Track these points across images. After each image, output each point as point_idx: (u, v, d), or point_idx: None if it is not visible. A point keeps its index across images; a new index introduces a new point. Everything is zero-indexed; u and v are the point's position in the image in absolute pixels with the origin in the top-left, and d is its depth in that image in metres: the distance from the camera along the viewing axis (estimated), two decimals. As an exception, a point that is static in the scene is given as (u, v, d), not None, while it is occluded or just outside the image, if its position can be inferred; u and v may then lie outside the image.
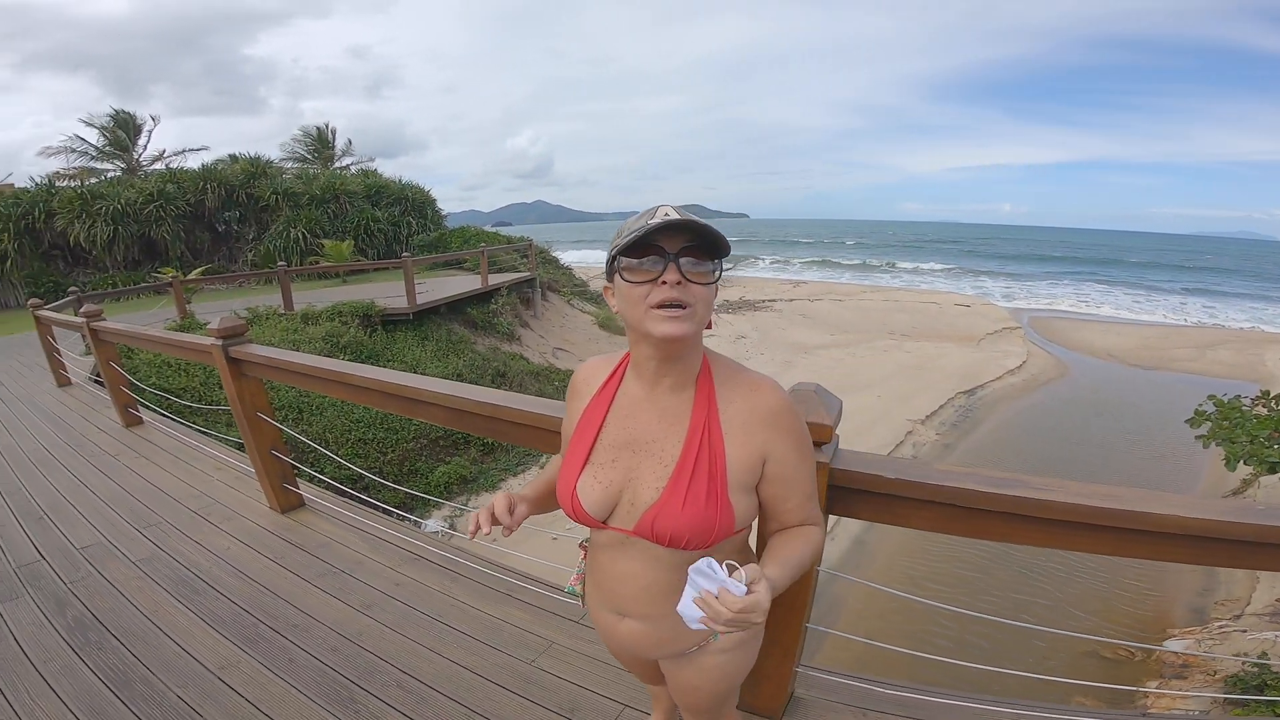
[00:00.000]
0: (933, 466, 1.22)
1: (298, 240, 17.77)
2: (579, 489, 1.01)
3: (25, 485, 3.88)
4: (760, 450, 0.98)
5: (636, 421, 1.01)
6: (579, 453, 1.03)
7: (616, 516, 1.01)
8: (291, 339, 9.22)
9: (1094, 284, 36.73)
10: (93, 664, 2.15)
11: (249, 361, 2.91)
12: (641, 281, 0.89)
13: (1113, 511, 1.04)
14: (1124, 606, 5.52)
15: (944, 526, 1.21)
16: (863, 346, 16.41)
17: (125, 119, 21.23)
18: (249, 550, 2.91)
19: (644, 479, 0.98)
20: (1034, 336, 18.82)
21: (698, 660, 1.11)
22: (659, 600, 1.02)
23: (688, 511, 0.93)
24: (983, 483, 1.14)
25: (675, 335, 0.89)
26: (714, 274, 0.92)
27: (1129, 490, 1.07)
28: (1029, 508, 1.10)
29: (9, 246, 15.61)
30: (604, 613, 1.12)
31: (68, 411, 5.59)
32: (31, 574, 2.80)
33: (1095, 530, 1.08)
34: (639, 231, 0.87)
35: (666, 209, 0.89)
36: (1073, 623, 5.27)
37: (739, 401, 0.99)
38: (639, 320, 0.91)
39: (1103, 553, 1.11)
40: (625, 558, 1.03)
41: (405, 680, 2.00)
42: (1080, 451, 9.57)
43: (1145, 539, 1.06)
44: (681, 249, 0.88)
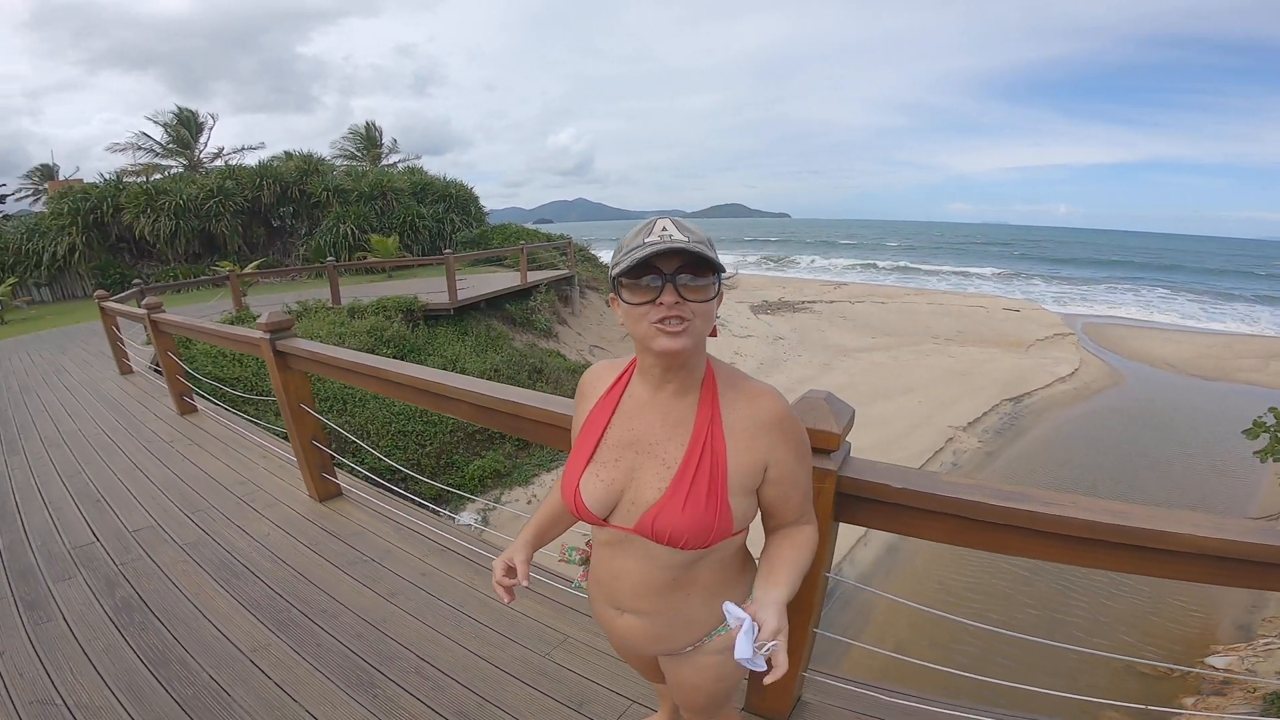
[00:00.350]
0: (941, 478, 1.20)
1: (347, 236, 18.33)
2: (582, 486, 1.04)
3: (85, 469, 4.11)
4: (762, 456, 1.01)
5: (640, 423, 1.04)
6: (584, 451, 1.07)
7: (617, 514, 1.04)
8: (338, 332, 9.50)
9: (1155, 289, 35.06)
10: (134, 643, 2.26)
11: (294, 355, 3.03)
12: (641, 302, 0.92)
13: (1126, 529, 1.01)
14: (1167, 624, 5.29)
15: (952, 538, 1.19)
16: (905, 350, 16.05)
17: (188, 116, 22.24)
18: (287, 536, 3.03)
19: (646, 479, 1.01)
20: (1088, 343, 18.11)
21: (694, 659, 1.13)
22: (654, 596, 1.06)
23: (688, 512, 0.96)
24: (991, 496, 1.12)
25: (674, 350, 0.92)
26: (712, 289, 0.94)
27: (1143, 508, 1.04)
28: (1040, 522, 1.08)
29: (78, 239, 16.52)
30: (603, 607, 1.15)
31: (128, 399, 5.89)
32: (85, 555, 2.96)
33: (1109, 547, 1.05)
34: (634, 257, 0.89)
35: (664, 224, 0.92)
36: (1111, 640, 5.08)
37: (742, 408, 1.01)
38: (641, 336, 0.95)
39: (1118, 570, 1.08)
40: (623, 554, 1.06)
41: (424, 667, 2.07)
42: (1131, 464, 9.18)
43: (1161, 557, 1.03)
44: (678, 268, 0.90)
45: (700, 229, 0.94)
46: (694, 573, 1.06)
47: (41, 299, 17.20)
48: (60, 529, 3.26)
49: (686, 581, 1.06)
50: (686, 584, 1.06)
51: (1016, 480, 8.65)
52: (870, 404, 11.46)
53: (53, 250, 16.47)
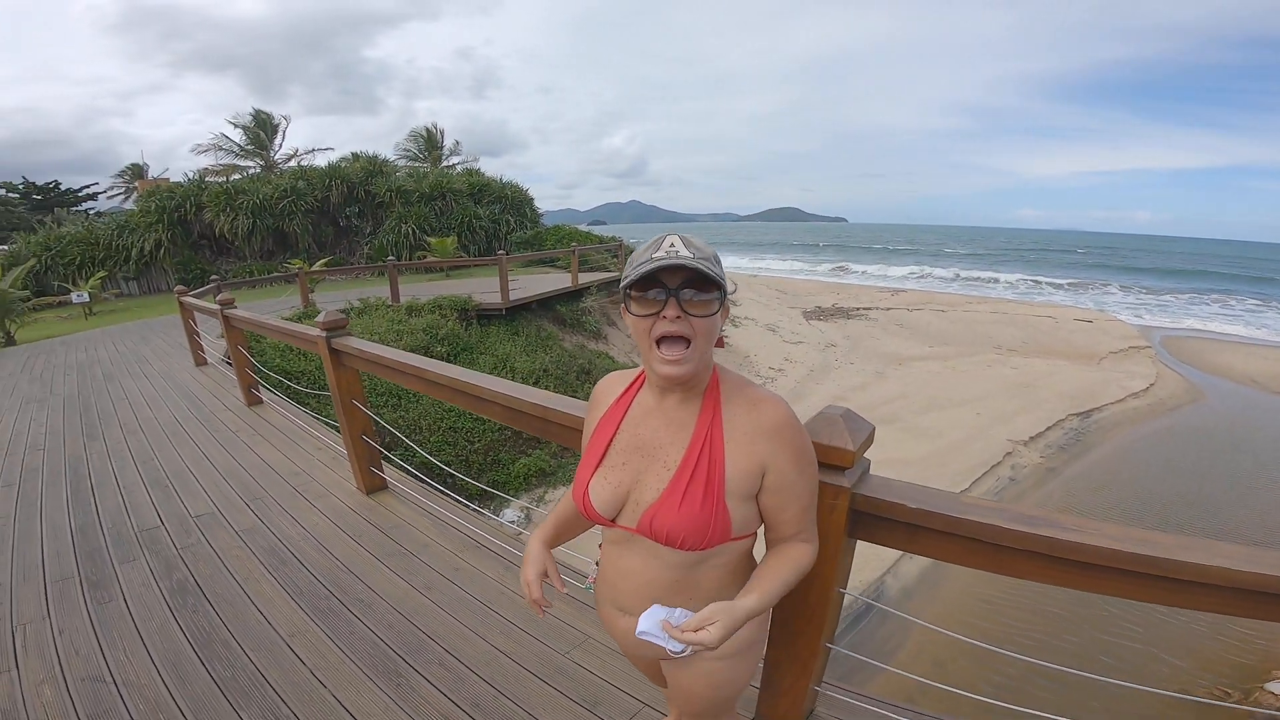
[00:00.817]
0: (961, 499, 1.16)
1: (407, 236, 18.98)
2: (591, 488, 1.10)
3: (157, 455, 4.39)
4: (760, 461, 1.03)
5: (647, 428, 1.09)
6: (594, 455, 1.12)
7: (624, 515, 1.09)
8: (396, 329, 9.83)
9: (1243, 301, 32.63)
10: (184, 624, 2.40)
11: (346, 353, 3.16)
12: (645, 315, 0.97)
13: (1150, 559, 0.96)
14: (1225, 653, 4.93)
15: (967, 561, 1.15)
16: (963, 360, 15.45)
17: (264, 119, 23.47)
18: (334, 527, 3.16)
19: (648, 481, 1.06)
20: (1165, 357, 17.03)
21: (694, 664, 1.14)
22: (656, 597, 1.09)
23: (684, 511, 1.00)
24: (1010, 519, 1.08)
25: (674, 377, 0.98)
26: (714, 305, 0.97)
27: (1171, 537, 0.98)
28: (1058, 549, 1.03)
29: (163, 236, 17.65)
30: (608, 608, 1.19)
31: (200, 389, 6.26)
32: (150, 538, 3.16)
33: (1132, 577, 1.00)
34: (641, 270, 0.94)
35: (672, 239, 0.95)
36: (1165, 665, 4.78)
37: (743, 415, 1.04)
38: (645, 356, 1.00)
39: (1144, 600, 1.02)
40: (629, 554, 1.10)
41: (447, 659, 2.13)
42: (1209, 486, 8.57)
43: (1189, 589, 0.97)
44: (682, 283, 0.94)
45: (708, 245, 0.97)
46: (696, 575, 1.08)
47: (129, 292, 18.43)
48: (130, 512, 3.49)
49: (689, 584, 1.08)
50: (689, 586, 1.08)
51: (1079, 499, 8.22)
52: (924, 414, 11.09)
53: (140, 246, 17.63)
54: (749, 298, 21.66)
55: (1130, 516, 7.66)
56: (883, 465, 5.61)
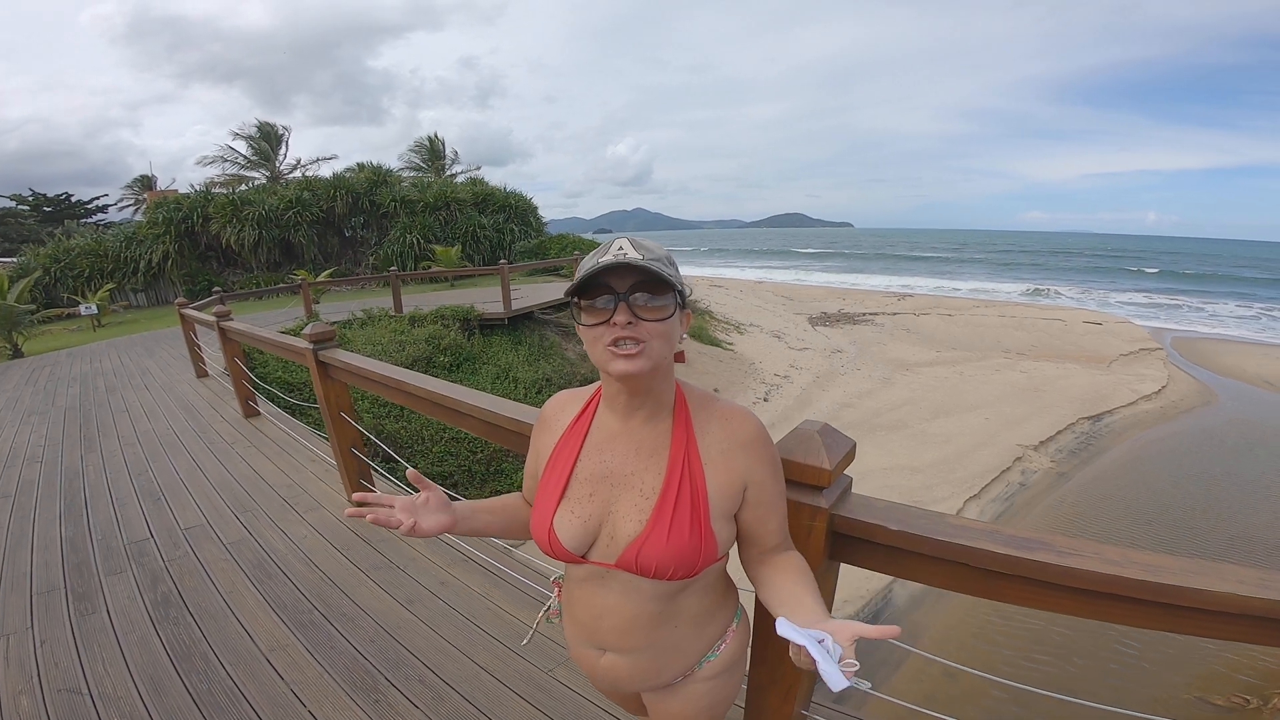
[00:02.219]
0: (946, 520, 1.08)
1: (412, 245, 19.03)
2: (556, 525, 0.99)
3: (152, 467, 4.36)
4: (740, 478, 0.97)
5: (613, 454, 1.00)
6: (554, 487, 1.01)
7: (595, 551, 0.99)
8: (399, 340, 9.80)
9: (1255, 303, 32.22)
10: (164, 637, 2.37)
11: (333, 365, 3.12)
12: (595, 324, 0.90)
13: (1155, 586, 0.88)
14: (1243, 657, 4.79)
15: (954, 585, 1.07)
16: (972, 365, 15.29)
17: (268, 130, 23.65)
18: (321, 540, 3.11)
19: (624, 512, 0.97)
20: (1177, 359, 16.81)
21: (684, 689, 1.08)
22: (641, 633, 1.01)
23: (673, 543, 0.92)
24: (999, 542, 1.00)
25: (629, 373, 0.89)
26: (669, 308, 0.90)
27: (1177, 560, 0.90)
28: (1050, 574, 0.95)
29: (171, 247, 17.78)
30: (583, 648, 1.09)
31: (200, 401, 6.24)
32: (139, 550, 3.13)
33: (1135, 604, 0.92)
34: (584, 274, 0.87)
35: (621, 242, 0.89)
36: (1183, 675, 4.66)
37: (716, 431, 0.98)
38: (598, 359, 0.91)
39: (1147, 628, 0.95)
40: (605, 591, 1.01)
41: (427, 676, 2.07)
42: (1222, 490, 8.39)
43: (1197, 617, 0.89)
44: (632, 286, 0.87)
45: (660, 246, 0.91)
46: (679, 603, 1.01)
47: (138, 304, 18.58)
48: (121, 524, 3.46)
49: (672, 613, 1.01)
50: (672, 615, 1.01)
51: (1091, 505, 8.07)
52: (932, 420, 10.96)
53: (149, 258, 17.76)
54: (754, 304, 21.57)
55: (1144, 523, 7.51)
56: (891, 472, 5.54)
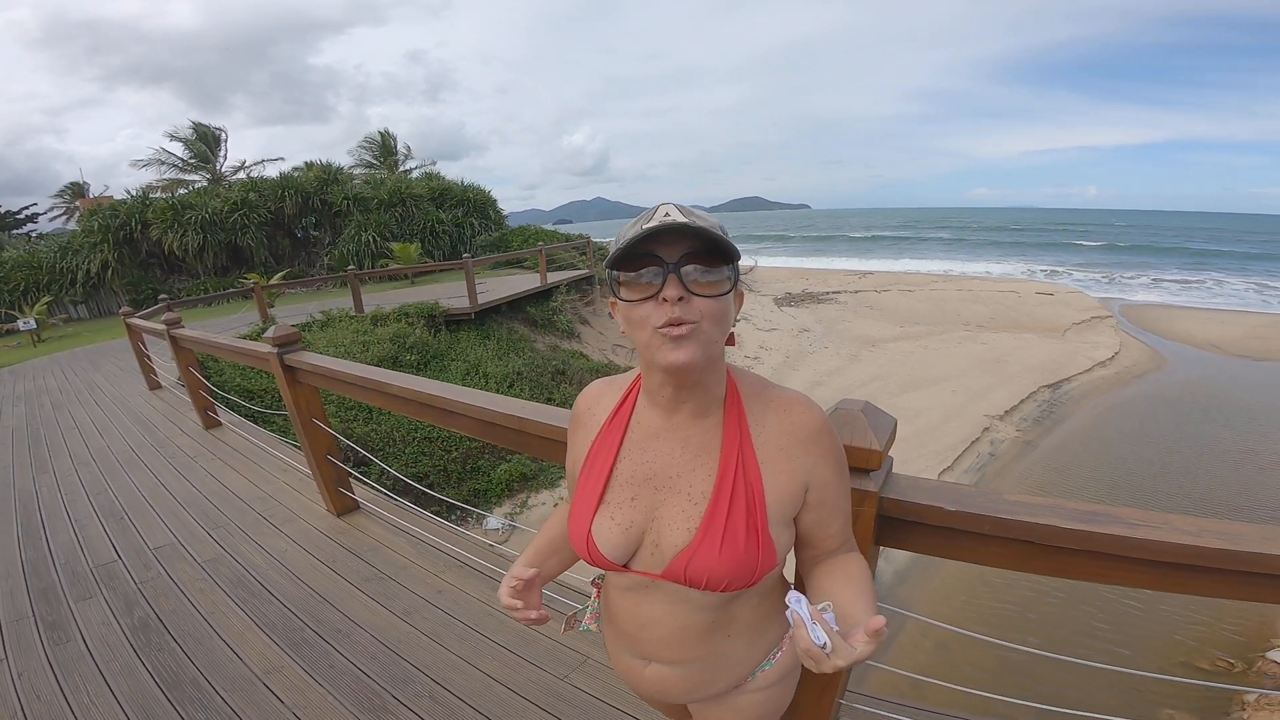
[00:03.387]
0: (1003, 496, 1.03)
1: (368, 243, 18.50)
2: (595, 532, 0.90)
3: (111, 485, 4.12)
4: (802, 477, 0.87)
5: (656, 454, 0.90)
6: (592, 491, 0.92)
7: (639, 559, 0.90)
8: (362, 340, 9.51)
9: (1195, 269, 33.79)
10: (150, 665, 2.22)
11: (301, 369, 2.95)
12: (640, 299, 0.78)
13: (1233, 554, 0.85)
14: (1223, 622, 4.97)
15: (1016, 564, 1.03)
16: (934, 339, 15.64)
17: (205, 131, 22.63)
18: (304, 553, 2.96)
19: (671, 518, 0.87)
20: (1127, 326, 17.49)
21: (735, 700, 1.00)
22: (690, 644, 0.92)
23: (727, 553, 0.83)
24: (1066, 517, 0.96)
25: (683, 364, 0.77)
26: (726, 283, 0.79)
27: (1251, 527, 0.87)
28: (1126, 547, 0.92)
29: (110, 256, 16.89)
30: (627, 658, 1.01)
31: (154, 414, 5.94)
32: (107, 574, 2.94)
33: (1207, 574, 0.89)
34: (629, 241, 0.75)
35: (668, 208, 0.77)
36: (1166, 640, 4.81)
37: (773, 424, 0.88)
38: (643, 346, 0.80)
39: (1215, 596, 0.92)
40: (650, 602, 0.92)
41: (437, 691, 1.97)
42: (1179, 451, 8.76)
43: (1272, 584, 0.86)
44: (683, 256, 0.75)
45: (712, 216, 0.79)
46: (731, 612, 0.92)
47: (78, 316, 17.63)
48: (84, 547, 3.26)
49: (724, 623, 0.92)
50: (724, 625, 0.93)
51: (1059, 471, 8.32)
52: (900, 395, 11.17)
53: (86, 268, 16.83)
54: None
55: (1110, 487, 7.78)
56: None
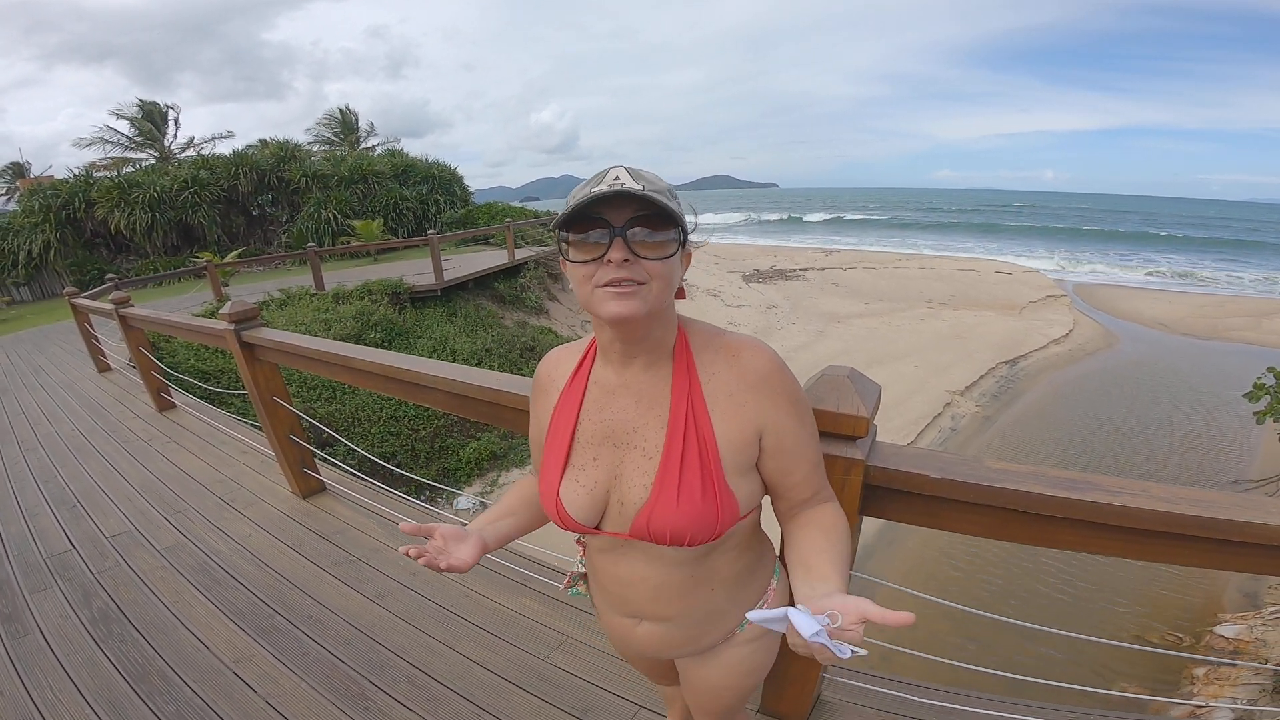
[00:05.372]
0: (985, 464, 1.04)
1: (329, 221, 17.95)
2: (562, 495, 0.90)
3: (61, 473, 3.94)
4: (753, 422, 0.86)
5: (613, 410, 0.90)
6: (557, 454, 0.91)
7: (608, 520, 0.90)
8: (323, 318, 9.26)
9: (1143, 251, 35.01)
10: (113, 657, 2.14)
11: (261, 346, 2.85)
12: (585, 260, 0.77)
13: (1211, 521, 0.87)
14: (1171, 593, 5.20)
15: (998, 533, 1.04)
16: (898, 315, 15.92)
17: (151, 109, 21.60)
18: (269, 537, 2.88)
19: (630, 476, 0.87)
20: (1080, 304, 18.05)
21: (723, 655, 1.01)
22: (674, 600, 0.93)
23: (684, 508, 0.82)
24: (1049, 485, 0.97)
25: (625, 315, 0.77)
26: (672, 245, 0.78)
27: (1227, 496, 0.90)
28: (1107, 515, 0.93)
29: (51, 236, 16.07)
30: (616, 618, 1.01)
31: (105, 397, 5.70)
32: (61, 564, 2.82)
33: (1185, 541, 0.91)
34: (576, 204, 0.75)
35: (617, 171, 0.77)
36: (1114, 609, 5.01)
37: (722, 371, 0.87)
38: (587, 301, 0.80)
39: (1191, 565, 0.94)
40: (628, 561, 0.93)
41: (416, 676, 1.94)
42: (1129, 425, 9.13)
43: (1247, 551, 0.89)
44: (630, 220, 0.75)
45: (661, 179, 0.79)
46: (711, 566, 0.93)
47: (21, 298, 16.85)
48: (35, 537, 3.12)
49: (705, 577, 0.93)
50: (705, 579, 0.93)
51: (1016, 445, 8.59)
52: (865, 370, 10.98)
53: (28, 249, 16.02)
54: (688, 267, 21.60)
55: (1064, 462, 8.06)
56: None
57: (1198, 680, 4.16)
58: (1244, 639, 4.48)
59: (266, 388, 2.98)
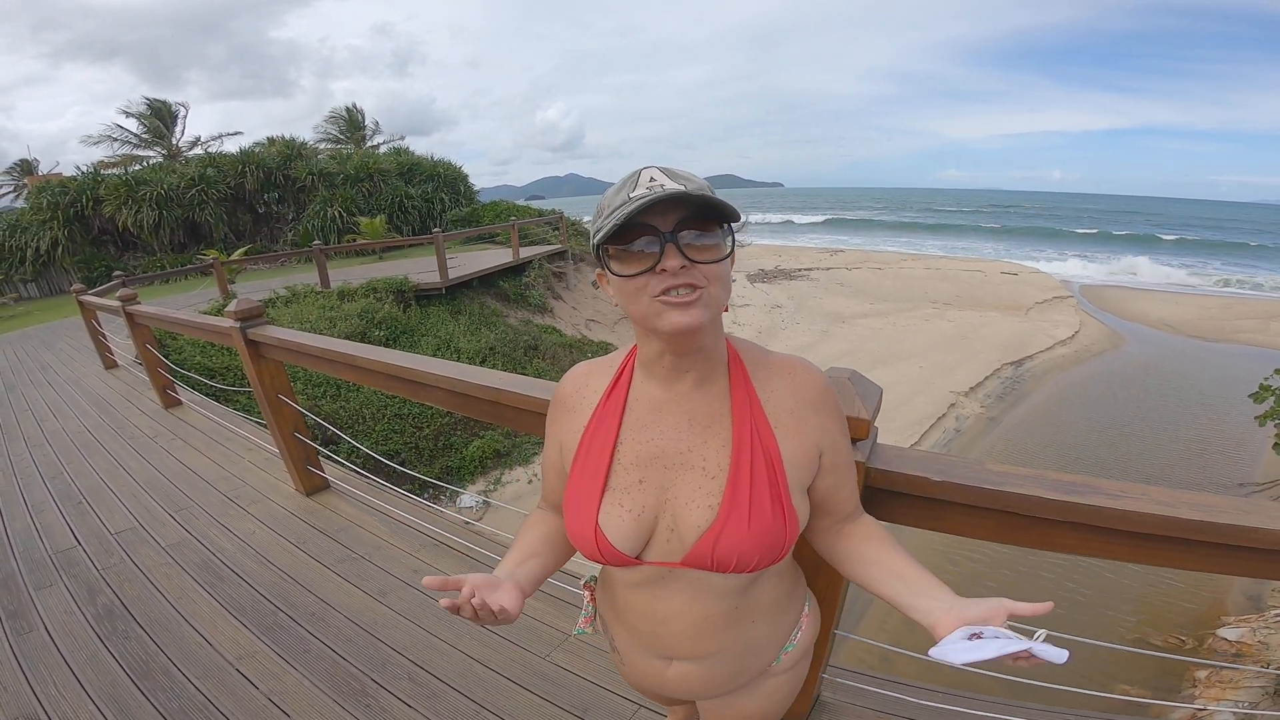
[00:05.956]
0: (987, 467, 1.04)
1: (334, 219, 18.01)
2: (603, 523, 0.82)
3: (67, 469, 3.97)
4: (815, 440, 0.85)
5: (661, 430, 0.84)
6: (593, 479, 0.84)
7: (654, 548, 0.83)
8: (329, 316, 9.29)
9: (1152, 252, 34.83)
10: (117, 653, 2.16)
11: (266, 343, 2.86)
12: (636, 273, 0.72)
13: (1212, 526, 0.87)
14: (1174, 598, 5.16)
15: (999, 535, 1.04)
16: (903, 316, 15.89)
17: (160, 107, 21.71)
18: (273, 535, 2.90)
19: (687, 497, 0.81)
20: (1087, 306, 17.99)
21: (762, 686, 0.97)
22: (715, 635, 0.87)
23: (756, 527, 0.78)
24: (1050, 488, 0.97)
25: (689, 327, 0.72)
26: (724, 245, 0.74)
27: (1227, 500, 0.89)
28: (1105, 518, 0.93)
29: (60, 233, 16.18)
30: (645, 659, 0.93)
31: (111, 394, 5.73)
32: (67, 560, 2.84)
33: (1186, 545, 0.91)
34: (620, 215, 0.69)
35: (652, 172, 0.73)
36: (1117, 614, 4.98)
37: (780, 388, 0.84)
38: (642, 316, 0.74)
39: (1194, 569, 0.94)
40: (667, 594, 0.86)
41: (417, 673, 1.95)
42: (1134, 427, 9.08)
43: (1252, 557, 0.89)
44: (679, 223, 0.71)
45: (697, 175, 0.74)
46: (755, 594, 0.88)
47: (29, 295, 16.98)
48: (41, 533, 3.14)
49: (747, 608, 0.88)
50: (748, 610, 0.88)
51: (1020, 447, 8.57)
52: (869, 371, 11.27)
53: (35, 245, 16.13)
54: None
55: (1069, 463, 8.03)
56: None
57: (1199, 683, 4.14)
58: (1246, 642, 4.45)
59: (271, 385, 2.99)
